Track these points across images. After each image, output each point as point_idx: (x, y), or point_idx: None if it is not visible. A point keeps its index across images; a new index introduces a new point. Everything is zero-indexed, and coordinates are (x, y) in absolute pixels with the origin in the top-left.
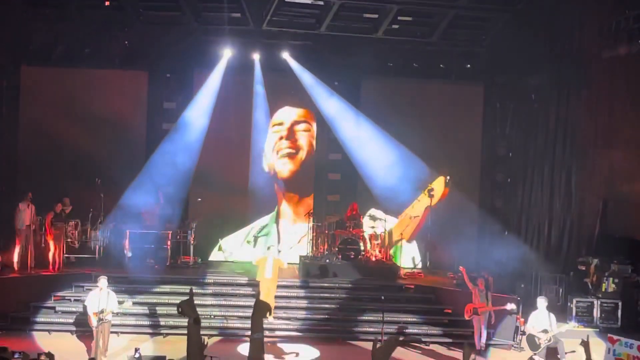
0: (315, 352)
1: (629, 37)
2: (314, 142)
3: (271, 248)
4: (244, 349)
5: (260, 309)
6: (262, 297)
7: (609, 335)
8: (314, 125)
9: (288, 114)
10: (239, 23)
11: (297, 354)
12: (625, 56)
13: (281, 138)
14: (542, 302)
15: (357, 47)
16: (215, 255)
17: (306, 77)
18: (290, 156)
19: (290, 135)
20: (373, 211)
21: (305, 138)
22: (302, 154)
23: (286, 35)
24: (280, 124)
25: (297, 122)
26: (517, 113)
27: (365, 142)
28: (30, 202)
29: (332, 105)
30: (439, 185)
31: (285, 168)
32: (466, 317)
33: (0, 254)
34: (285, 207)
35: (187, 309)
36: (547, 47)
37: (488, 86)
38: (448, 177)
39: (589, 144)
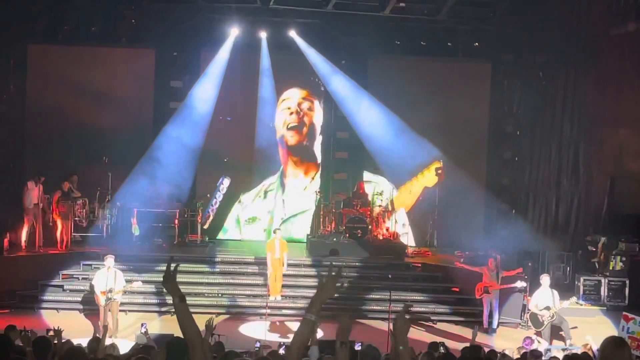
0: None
1: (638, 14)
2: (314, 118)
3: (277, 231)
4: (245, 329)
5: (327, 291)
6: (271, 279)
7: (624, 313)
8: (315, 103)
9: (295, 93)
10: (246, 1)
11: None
12: (634, 33)
13: (291, 114)
14: (545, 279)
15: (364, 25)
16: (224, 234)
17: (313, 56)
18: (296, 129)
19: (298, 112)
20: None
21: (308, 116)
22: (306, 129)
23: (293, 14)
24: (289, 100)
25: (302, 101)
26: (524, 91)
27: (372, 120)
28: (39, 181)
29: (339, 83)
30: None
31: (291, 138)
32: (477, 296)
33: (9, 233)
34: (290, 167)
35: (169, 286)
36: (555, 25)
37: (495, 64)
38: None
39: (597, 121)
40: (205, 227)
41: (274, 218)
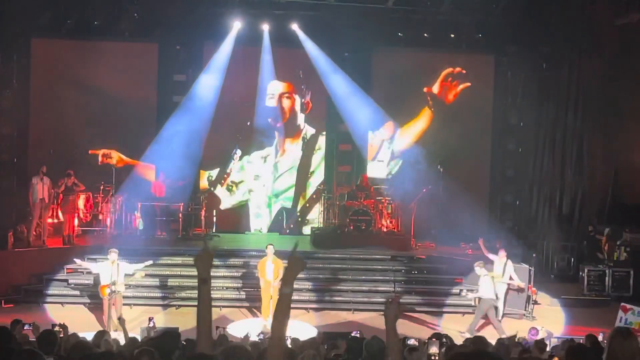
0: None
1: None
2: (295, 104)
3: (269, 247)
4: (250, 321)
5: (294, 267)
6: (264, 303)
7: (622, 304)
8: (293, 93)
9: (276, 87)
10: None
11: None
12: (638, 23)
13: (275, 105)
14: (482, 270)
15: (367, 17)
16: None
17: (315, 50)
18: (280, 115)
19: (279, 102)
20: None
21: (288, 104)
22: (287, 114)
23: (296, 6)
24: (273, 94)
25: (283, 94)
26: (528, 82)
27: (375, 113)
28: (44, 175)
29: (341, 77)
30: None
31: (278, 121)
32: None
33: (14, 227)
34: (280, 139)
35: (200, 265)
36: (558, 15)
37: (499, 55)
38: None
39: (601, 112)
40: (223, 187)
41: (272, 177)
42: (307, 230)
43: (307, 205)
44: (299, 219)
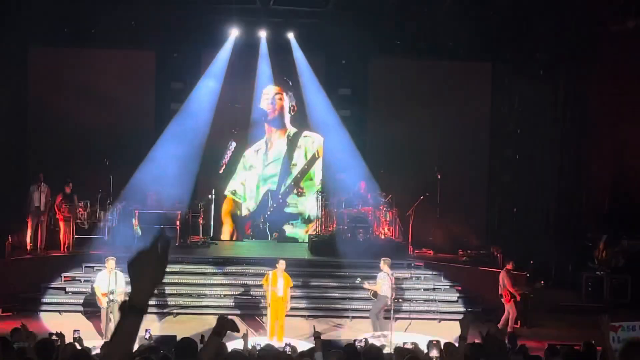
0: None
1: (638, 11)
2: (284, 104)
3: (281, 262)
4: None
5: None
6: (271, 319)
7: (611, 324)
8: (284, 94)
9: (270, 89)
10: (246, 1)
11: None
12: (634, 29)
13: (268, 103)
14: (385, 267)
15: (365, 25)
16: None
17: (310, 58)
18: (272, 111)
19: (272, 101)
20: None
21: (279, 103)
22: (277, 111)
23: (293, 14)
24: (267, 94)
25: (276, 93)
26: (525, 89)
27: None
28: (42, 183)
29: (338, 84)
30: None
31: (269, 117)
32: (506, 301)
33: (12, 236)
34: (270, 134)
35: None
36: (555, 22)
37: (496, 63)
38: None
39: (598, 118)
40: (221, 172)
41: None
42: (289, 209)
43: (287, 190)
44: (280, 200)
